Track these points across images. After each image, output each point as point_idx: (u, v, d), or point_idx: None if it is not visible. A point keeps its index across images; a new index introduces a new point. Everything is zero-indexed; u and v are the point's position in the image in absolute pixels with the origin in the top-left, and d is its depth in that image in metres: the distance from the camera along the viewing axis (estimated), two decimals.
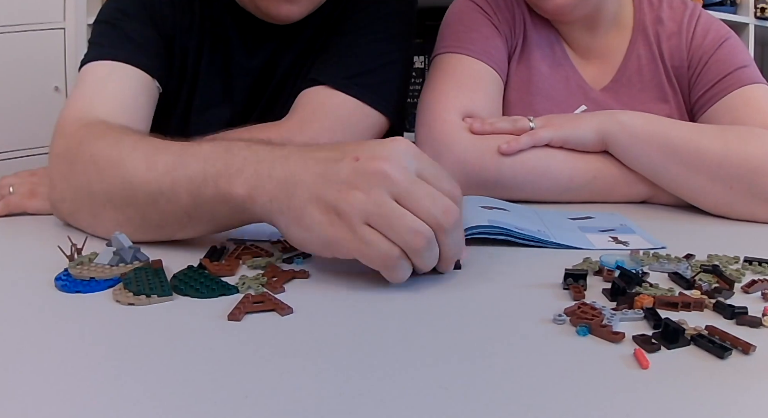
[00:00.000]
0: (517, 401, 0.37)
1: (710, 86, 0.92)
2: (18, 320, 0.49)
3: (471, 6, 1.00)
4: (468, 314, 0.50)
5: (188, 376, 0.40)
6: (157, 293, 0.51)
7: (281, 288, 0.54)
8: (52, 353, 0.43)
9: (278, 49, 0.96)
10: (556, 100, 0.97)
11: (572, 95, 0.98)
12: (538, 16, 0.99)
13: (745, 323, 0.47)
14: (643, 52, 0.97)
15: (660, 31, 0.97)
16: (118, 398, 0.37)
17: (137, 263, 0.58)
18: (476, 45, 0.95)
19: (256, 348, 0.44)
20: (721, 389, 0.39)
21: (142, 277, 0.54)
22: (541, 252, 0.65)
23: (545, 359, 0.42)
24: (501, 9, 1.00)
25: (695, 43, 0.95)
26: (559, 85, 0.98)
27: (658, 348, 0.43)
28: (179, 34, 0.93)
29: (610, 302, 0.52)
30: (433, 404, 0.37)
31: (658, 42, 0.97)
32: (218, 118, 0.95)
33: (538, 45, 0.99)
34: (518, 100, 0.98)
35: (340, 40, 0.94)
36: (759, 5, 2.07)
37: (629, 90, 0.97)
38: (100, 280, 0.55)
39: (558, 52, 1.00)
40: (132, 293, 0.51)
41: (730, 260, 0.61)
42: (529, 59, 0.99)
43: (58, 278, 0.56)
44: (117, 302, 0.51)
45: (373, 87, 0.90)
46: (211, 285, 0.53)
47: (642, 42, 0.97)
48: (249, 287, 0.54)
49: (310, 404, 0.37)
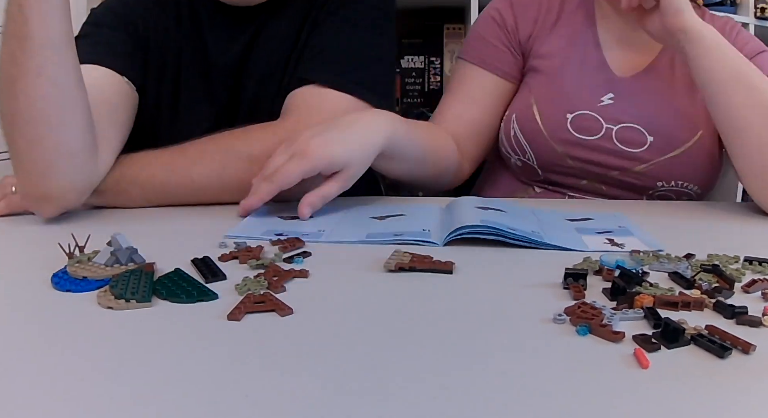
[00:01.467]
0: (517, 400, 0.37)
1: None
2: (8, 317, 0.49)
3: (488, 14, 1.09)
4: (468, 314, 0.50)
5: (188, 376, 0.40)
6: (136, 299, 0.51)
7: (282, 288, 0.54)
8: (44, 352, 0.43)
9: (251, 47, 0.97)
10: (583, 85, 1.00)
11: (599, 84, 1.00)
12: (576, 6, 1.05)
13: (745, 323, 0.47)
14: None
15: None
16: (119, 398, 0.37)
17: (132, 264, 0.58)
18: (474, 51, 1.07)
19: (257, 348, 0.44)
20: (721, 388, 0.39)
21: (129, 280, 0.54)
22: (541, 252, 0.65)
23: (545, 359, 0.42)
24: (525, 5, 1.06)
25: (737, 45, 0.94)
26: (587, 73, 1.00)
27: (658, 348, 0.43)
28: (157, 37, 0.96)
29: (610, 301, 0.52)
30: (433, 404, 0.37)
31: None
32: (203, 116, 0.96)
33: (569, 30, 1.03)
34: (546, 83, 1.01)
35: (323, 36, 0.94)
36: (759, 5, 2.07)
37: (659, 83, 0.99)
38: (91, 280, 0.55)
39: (589, 38, 1.02)
40: (113, 297, 0.51)
41: (730, 260, 0.61)
42: (560, 48, 1.02)
43: (56, 275, 0.56)
44: (99, 304, 0.51)
45: (363, 81, 0.91)
46: (192, 290, 0.53)
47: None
48: (249, 288, 0.54)
49: (310, 404, 0.37)
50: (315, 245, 0.67)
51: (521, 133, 1.01)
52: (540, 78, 1.03)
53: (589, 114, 0.98)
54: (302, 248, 0.66)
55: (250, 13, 0.96)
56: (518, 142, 1.01)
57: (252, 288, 0.54)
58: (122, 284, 0.53)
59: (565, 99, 1.00)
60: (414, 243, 0.66)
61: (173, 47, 0.97)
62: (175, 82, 0.97)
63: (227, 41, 0.97)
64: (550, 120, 0.99)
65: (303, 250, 0.65)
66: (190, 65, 0.97)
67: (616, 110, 0.98)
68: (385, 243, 0.67)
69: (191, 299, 0.52)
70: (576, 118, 0.98)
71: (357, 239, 0.68)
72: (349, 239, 0.68)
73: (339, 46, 0.93)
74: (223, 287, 0.54)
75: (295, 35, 0.96)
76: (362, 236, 0.69)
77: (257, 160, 0.81)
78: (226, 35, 0.97)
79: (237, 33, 0.97)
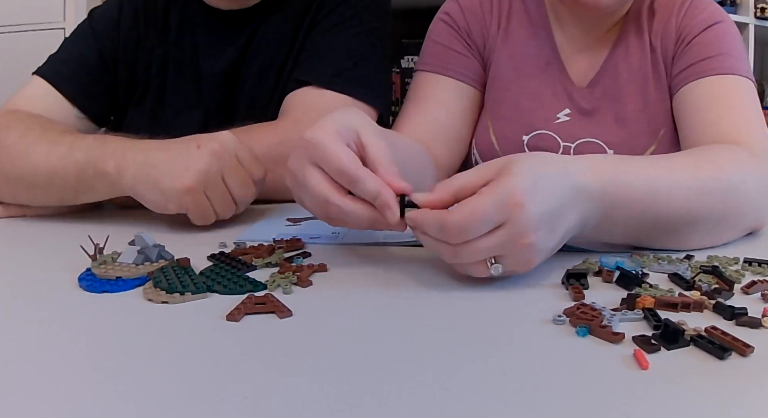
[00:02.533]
0: (517, 401, 0.37)
1: (686, 66, 0.87)
2: (46, 321, 0.49)
3: (438, 18, 1.01)
4: (468, 315, 0.50)
5: (189, 376, 0.40)
6: (191, 291, 0.52)
7: (309, 282, 0.55)
8: (59, 352, 0.43)
9: (246, 50, 0.98)
10: (539, 99, 0.95)
11: (556, 95, 0.95)
12: (525, 11, 0.97)
13: (745, 324, 0.47)
14: (633, 42, 0.93)
15: (653, 18, 0.92)
16: (119, 398, 0.37)
17: (162, 261, 0.58)
18: (434, 58, 0.98)
19: (257, 349, 0.44)
20: (721, 389, 0.39)
21: (172, 275, 0.54)
22: None
23: (545, 360, 0.42)
24: (474, 12, 0.98)
25: (685, 21, 0.90)
26: (545, 85, 0.96)
27: (658, 349, 0.43)
28: (136, 51, 1.00)
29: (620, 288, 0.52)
30: (433, 405, 0.37)
31: (650, 29, 0.92)
32: (191, 121, 0.97)
33: (525, 37, 0.97)
34: (500, 100, 0.97)
35: (319, 38, 0.95)
36: (759, 5, 2.08)
37: (615, 81, 0.93)
38: (127, 279, 0.55)
39: (547, 48, 0.96)
40: (164, 291, 0.52)
41: (729, 261, 0.61)
42: (512, 55, 0.97)
43: (82, 277, 0.56)
44: (149, 301, 0.52)
45: (360, 81, 0.91)
46: (239, 282, 0.54)
47: (633, 31, 0.93)
48: (278, 284, 0.54)
49: (311, 405, 0.37)
50: (315, 246, 0.67)
51: (480, 158, 0.97)
52: (495, 94, 0.97)
53: (546, 133, 0.94)
54: (302, 249, 0.66)
55: (245, 16, 0.97)
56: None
57: (282, 284, 0.54)
58: (167, 279, 0.53)
59: (522, 117, 0.95)
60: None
61: (159, 60, 0.99)
62: (159, 92, 1.00)
63: (222, 46, 0.98)
64: (506, 143, 0.95)
65: (303, 251, 0.65)
66: (178, 74, 0.99)
67: (573, 127, 0.93)
68: (402, 245, 0.67)
69: (241, 290, 0.53)
70: (532, 138, 0.94)
71: (373, 240, 0.68)
72: (366, 241, 0.68)
73: (335, 47, 0.93)
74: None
75: (292, 37, 0.97)
76: (379, 238, 0.68)
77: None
78: (220, 40, 0.98)
79: (232, 37, 0.98)
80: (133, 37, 1.00)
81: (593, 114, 0.93)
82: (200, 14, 0.99)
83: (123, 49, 1.00)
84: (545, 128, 0.94)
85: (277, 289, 0.54)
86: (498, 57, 0.97)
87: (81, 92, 0.96)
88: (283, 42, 0.97)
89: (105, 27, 1.00)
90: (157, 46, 1.00)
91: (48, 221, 0.80)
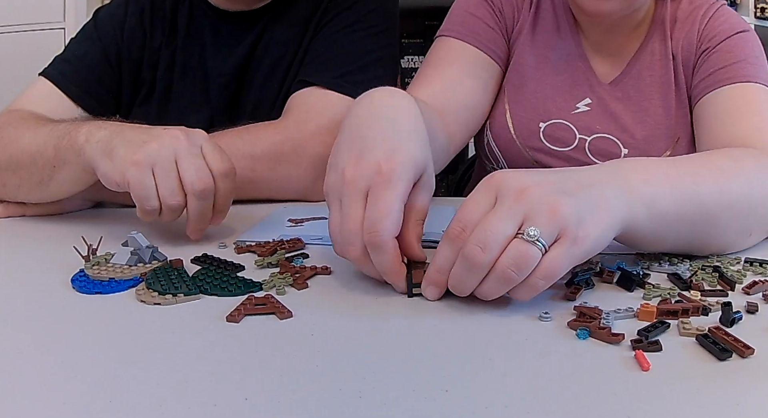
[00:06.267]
0: (517, 403, 0.37)
1: (706, 75, 0.88)
2: (38, 322, 0.49)
3: None
4: (468, 316, 0.50)
5: (185, 378, 0.40)
6: (183, 293, 0.52)
7: (305, 284, 0.55)
8: (51, 354, 0.43)
9: (253, 51, 0.98)
10: (560, 89, 0.96)
11: (578, 86, 0.96)
12: (553, 8, 0.98)
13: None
14: (657, 48, 0.94)
15: (676, 26, 0.93)
16: (119, 398, 0.37)
17: (156, 262, 0.58)
18: (463, 27, 0.96)
19: (256, 350, 0.44)
20: (722, 390, 0.38)
21: (165, 276, 0.54)
22: None
23: (546, 361, 0.42)
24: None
25: (707, 30, 0.90)
26: (567, 75, 0.96)
27: (659, 349, 0.43)
28: (141, 51, 1.01)
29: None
30: (433, 406, 0.36)
31: (672, 37, 0.93)
32: (197, 122, 0.96)
33: (551, 31, 0.98)
34: (521, 85, 0.97)
35: (325, 40, 0.95)
36: (759, 5, 2.08)
37: (637, 83, 0.94)
38: (120, 280, 0.55)
39: (573, 42, 0.97)
40: (157, 293, 0.51)
41: (731, 261, 0.61)
42: (537, 44, 0.97)
43: (75, 278, 0.56)
44: (141, 302, 0.51)
45: (364, 84, 0.90)
46: (237, 283, 0.54)
47: (657, 38, 0.94)
48: (275, 285, 0.54)
49: (311, 406, 0.36)
50: (316, 247, 0.67)
51: (494, 142, 0.97)
52: (516, 78, 0.97)
53: (563, 123, 0.94)
54: (301, 249, 0.66)
55: (253, 18, 0.97)
56: (491, 150, 0.98)
57: (277, 284, 0.54)
58: (160, 280, 0.53)
59: (540, 104, 0.95)
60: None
61: (164, 59, 1.00)
62: (165, 93, 1.00)
63: (230, 47, 0.98)
64: (522, 128, 0.95)
65: (303, 251, 0.65)
66: (184, 75, 1.00)
67: (591, 119, 0.94)
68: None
69: (239, 292, 0.53)
70: (548, 127, 0.95)
71: None
72: None
73: (341, 49, 0.94)
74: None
75: (298, 39, 0.97)
76: None
77: (258, 159, 0.82)
78: (228, 41, 0.99)
79: (239, 39, 0.98)
80: (138, 37, 1.00)
81: (613, 110, 0.94)
82: (208, 16, 1.00)
83: (127, 49, 1.00)
84: (563, 118, 0.94)
85: (272, 289, 0.54)
86: (523, 43, 0.98)
87: (85, 92, 0.97)
88: (289, 44, 0.98)
89: (109, 26, 1.00)
90: (164, 47, 1.00)
91: (41, 221, 0.79)
